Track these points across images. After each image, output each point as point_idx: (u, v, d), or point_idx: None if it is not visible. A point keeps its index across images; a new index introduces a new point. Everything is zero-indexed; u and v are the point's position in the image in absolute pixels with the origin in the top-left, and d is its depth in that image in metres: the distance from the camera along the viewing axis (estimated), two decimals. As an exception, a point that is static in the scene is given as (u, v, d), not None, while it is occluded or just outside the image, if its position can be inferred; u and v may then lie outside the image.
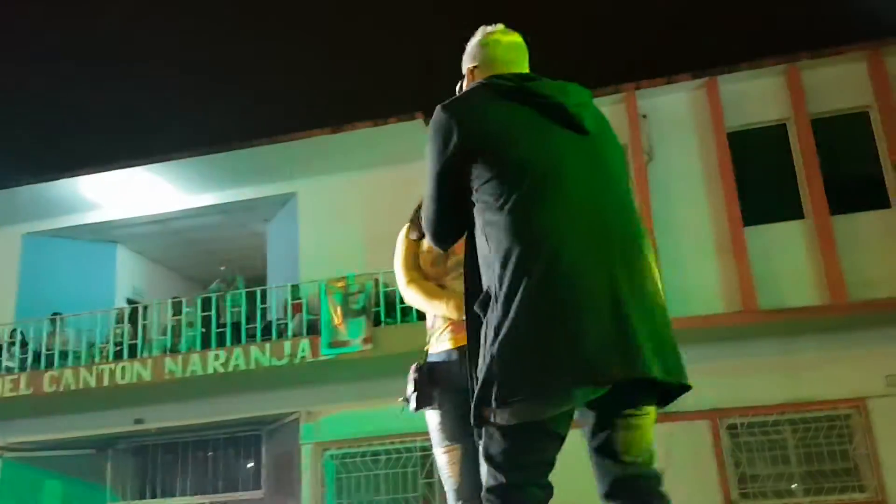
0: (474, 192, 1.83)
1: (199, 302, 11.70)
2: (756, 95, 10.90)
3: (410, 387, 2.52)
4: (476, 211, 1.84)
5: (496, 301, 1.73)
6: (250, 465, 12.44)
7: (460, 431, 2.45)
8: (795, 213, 10.46)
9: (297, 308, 11.34)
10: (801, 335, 9.94)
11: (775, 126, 10.89)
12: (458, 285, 2.18)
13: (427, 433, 2.59)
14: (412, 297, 2.66)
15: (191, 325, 11.51)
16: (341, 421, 11.34)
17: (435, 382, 2.50)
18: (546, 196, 1.76)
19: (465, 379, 2.39)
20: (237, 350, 10.88)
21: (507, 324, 1.69)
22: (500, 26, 2.18)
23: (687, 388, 1.80)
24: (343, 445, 11.30)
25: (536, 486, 1.79)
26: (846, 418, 10.19)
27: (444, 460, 2.49)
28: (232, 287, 12.06)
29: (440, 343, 2.55)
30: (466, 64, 2.17)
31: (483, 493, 1.81)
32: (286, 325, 11.28)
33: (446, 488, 2.50)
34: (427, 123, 11.40)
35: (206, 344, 11.19)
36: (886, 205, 10.33)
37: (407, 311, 10.60)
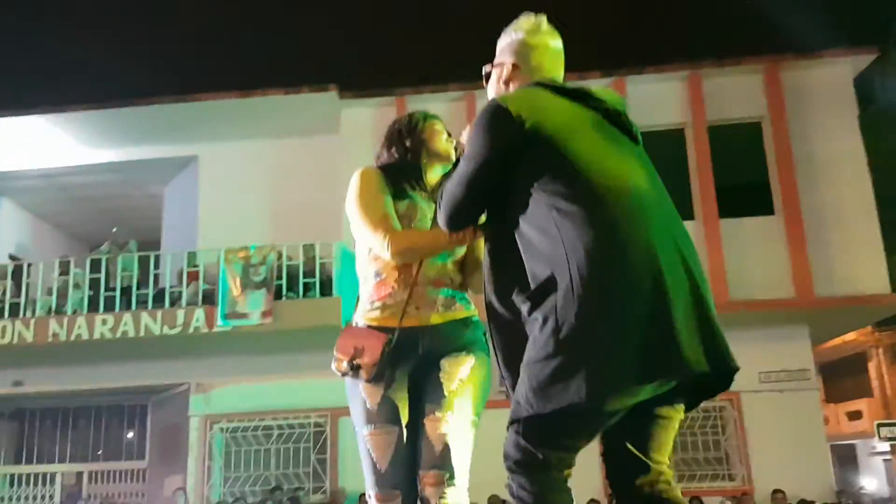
0: (534, 181, 1.83)
1: (87, 263, 11.20)
2: (659, 99, 11.29)
3: (371, 356, 2.27)
4: (533, 198, 1.84)
5: (572, 289, 1.71)
6: (134, 434, 12.09)
7: (399, 415, 2.33)
8: (687, 214, 10.95)
9: (193, 276, 11.01)
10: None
11: (674, 130, 11.34)
12: None
13: (321, 409, 2.48)
14: (407, 240, 2.32)
15: (78, 286, 11.01)
16: (234, 394, 11.17)
17: (392, 360, 2.30)
18: (624, 192, 1.81)
19: (419, 360, 2.35)
20: (127, 316, 10.49)
21: (591, 314, 1.69)
22: (546, 23, 2.13)
23: (727, 385, 1.84)
24: (234, 419, 11.14)
25: (569, 464, 1.81)
26: (720, 410, 10.83)
27: (373, 442, 2.30)
28: (124, 250, 11.61)
29: (402, 319, 2.34)
30: (508, 56, 2.12)
31: (509, 465, 1.78)
32: (180, 293, 10.97)
33: (367, 471, 2.33)
34: (340, 97, 11.33)
35: (93, 307, 10.72)
36: (771, 212, 10.96)
37: (310, 286, 10.52)
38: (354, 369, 2.29)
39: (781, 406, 10.54)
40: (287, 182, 11.81)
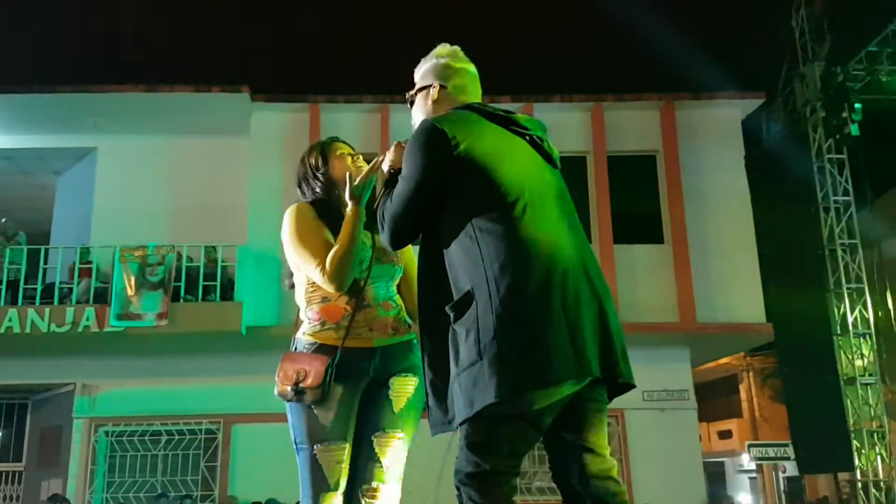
0: (461, 200, 1.99)
1: (-31, 254, 10.62)
2: (564, 126, 11.73)
3: (315, 378, 2.36)
4: (459, 216, 1.99)
5: (490, 300, 1.88)
6: (11, 435, 11.50)
7: (348, 431, 2.43)
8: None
9: (84, 273, 10.63)
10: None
11: (577, 157, 11.83)
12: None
13: (214, 415, 2.47)
14: (333, 260, 2.38)
15: (-42, 278, 10.42)
16: (122, 397, 10.81)
17: (341, 378, 2.40)
18: (541, 214, 2.00)
19: (370, 380, 2.47)
20: (11, 311, 10.01)
21: (507, 320, 1.86)
22: (460, 51, 2.31)
23: (631, 387, 2.05)
24: (120, 422, 10.77)
25: (514, 473, 1.92)
26: (605, 426, 11.31)
27: (324, 458, 2.37)
28: (12, 242, 11.06)
29: (353, 339, 2.44)
30: (433, 79, 2.27)
31: (460, 479, 1.90)
32: (71, 289, 10.55)
33: (311, 485, 2.38)
34: (252, 99, 11.22)
35: (-26, 300, 10.19)
36: (661, 240, 11.59)
37: (209, 289, 10.34)
38: (299, 394, 2.36)
39: (661, 424, 11.13)
40: (191, 181, 11.58)
